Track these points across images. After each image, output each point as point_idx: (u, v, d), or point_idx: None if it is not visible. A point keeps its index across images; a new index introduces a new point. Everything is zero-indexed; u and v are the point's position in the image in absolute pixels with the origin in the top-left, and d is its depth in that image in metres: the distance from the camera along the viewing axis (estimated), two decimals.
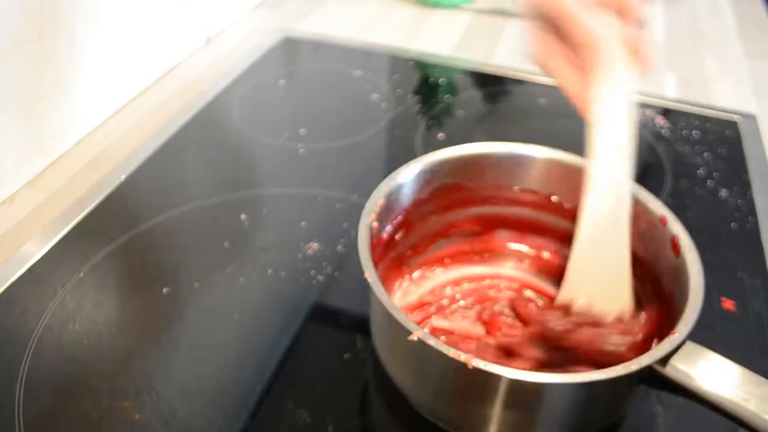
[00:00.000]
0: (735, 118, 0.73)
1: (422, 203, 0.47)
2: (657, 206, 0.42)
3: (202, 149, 0.67)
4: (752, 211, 0.60)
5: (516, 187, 0.48)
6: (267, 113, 0.73)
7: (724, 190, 0.62)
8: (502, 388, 0.34)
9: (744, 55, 0.87)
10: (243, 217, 0.57)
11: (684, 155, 0.67)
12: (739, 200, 0.61)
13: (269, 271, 0.52)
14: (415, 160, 0.46)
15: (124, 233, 0.55)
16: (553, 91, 0.77)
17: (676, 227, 0.40)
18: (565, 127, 0.72)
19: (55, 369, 0.44)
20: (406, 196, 0.46)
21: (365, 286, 0.50)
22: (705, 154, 0.67)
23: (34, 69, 0.59)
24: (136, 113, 0.71)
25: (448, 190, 0.48)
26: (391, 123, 0.71)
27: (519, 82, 0.79)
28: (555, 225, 0.49)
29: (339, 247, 0.54)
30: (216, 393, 0.43)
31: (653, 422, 0.42)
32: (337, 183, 0.61)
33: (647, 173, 0.65)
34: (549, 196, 0.48)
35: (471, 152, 0.47)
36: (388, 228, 0.45)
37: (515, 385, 0.34)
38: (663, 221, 0.41)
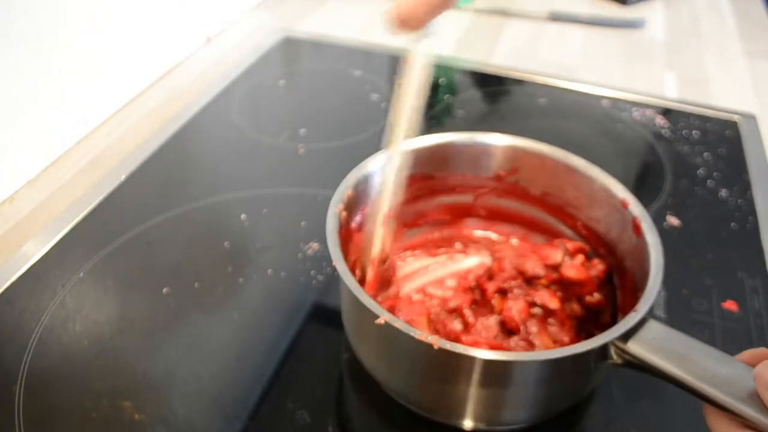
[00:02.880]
0: (735, 118, 0.73)
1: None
2: (618, 190, 0.43)
3: (202, 149, 0.67)
4: (752, 211, 0.60)
5: (483, 176, 0.49)
6: (267, 113, 0.73)
7: (724, 190, 0.62)
8: (468, 367, 0.35)
9: (744, 55, 0.87)
10: (243, 217, 0.57)
11: (684, 155, 0.67)
12: (739, 200, 0.61)
13: (269, 271, 0.52)
14: (381, 151, 0.46)
15: (124, 233, 0.55)
16: (553, 91, 0.77)
17: (637, 209, 0.41)
18: (565, 127, 0.73)
19: (55, 369, 0.44)
20: (375, 187, 0.46)
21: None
22: (705, 154, 0.67)
23: (34, 69, 0.59)
24: (136, 113, 0.71)
25: (416, 179, 0.48)
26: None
27: (519, 82, 0.79)
28: (521, 211, 0.50)
29: None
30: (216, 393, 0.43)
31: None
32: (338, 183, 0.61)
33: (647, 173, 0.65)
34: (514, 184, 0.49)
35: (436, 142, 0.48)
36: (358, 218, 0.46)
37: (479, 364, 0.34)
38: (624, 204, 0.42)
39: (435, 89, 0.78)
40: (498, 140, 0.48)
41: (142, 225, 0.56)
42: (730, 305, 0.50)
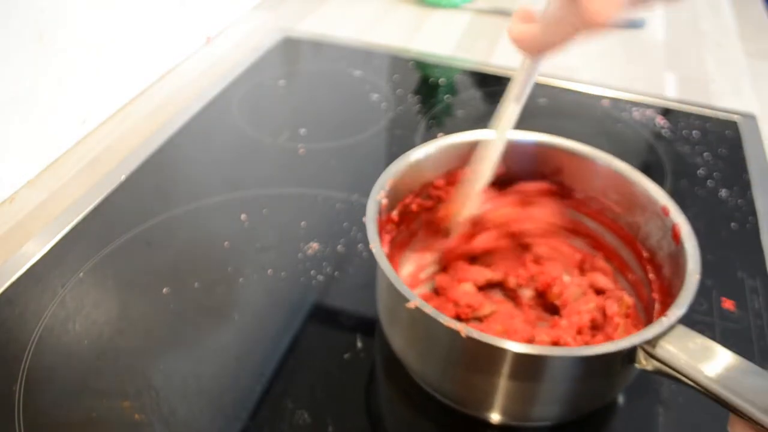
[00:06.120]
0: (735, 118, 0.73)
1: (433, 186, 0.48)
2: (660, 196, 0.43)
3: (202, 149, 0.67)
4: (752, 211, 0.60)
5: (524, 173, 0.49)
6: (267, 113, 0.73)
7: (724, 190, 0.62)
8: (494, 358, 0.35)
9: (744, 55, 0.87)
10: (243, 217, 0.57)
11: (684, 155, 0.67)
12: (739, 200, 0.61)
13: (269, 271, 0.52)
14: (425, 143, 0.47)
15: (124, 233, 0.55)
16: (553, 91, 0.77)
17: (677, 217, 0.41)
18: (565, 127, 0.73)
19: (55, 369, 0.44)
20: (417, 178, 0.47)
21: (365, 286, 0.50)
22: (705, 154, 0.67)
23: (34, 69, 0.59)
24: (136, 113, 0.71)
25: (458, 174, 0.48)
26: (391, 123, 0.71)
27: None
28: (563, 213, 0.49)
29: (339, 247, 0.54)
30: (216, 393, 0.43)
31: (647, 414, 0.43)
32: (337, 183, 0.61)
33: (647, 173, 0.65)
34: (555, 183, 0.49)
35: (479, 138, 0.48)
36: (398, 207, 0.46)
37: (506, 355, 0.34)
38: (665, 211, 0.42)
39: (435, 89, 0.78)
40: (543, 140, 0.48)
41: (142, 225, 0.56)
42: (729, 305, 0.50)
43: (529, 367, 0.35)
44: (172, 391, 0.43)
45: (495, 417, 0.39)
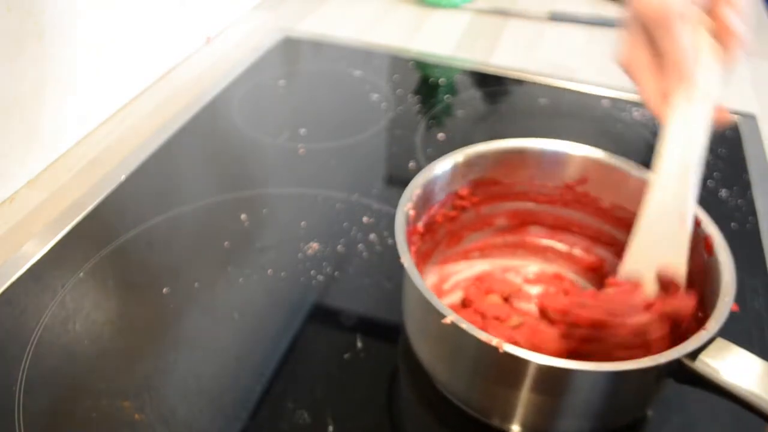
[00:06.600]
0: (735, 118, 0.73)
1: (458, 196, 0.48)
2: None
3: (202, 149, 0.67)
4: (752, 211, 0.60)
5: (551, 184, 0.49)
6: (267, 113, 0.73)
7: (724, 190, 0.62)
8: (531, 374, 0.35)
9: (744, 55, 0.87)
10: (243, 217, 0.57)
11: None
12: (739, 200, 0.61)
13: (269, 271, 0.52)
14: (452, 153, 0.46)
15: (124, 233, 0.55)
16: (553, 91, 0.77)
17: (710, 228, 0.41)
18: (565, 127, 0.73)
19: (55, 369, 0.44)
20: (443, 188, 0.47)
21: (365, 286, 0.50)
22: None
23: (34, 69, 0.59)
24: (136, 113, 0.71)
25: (484, 183, 0.48)
26: (391, 123, 0.71)
27: (519, 82, 0.79)
28: (589, 223, 0.49)
29: (339, 247, 0.54)
30: (216, 393, 0.43)
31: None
32: (337, 183, 0.61)
33: None
34: (582, 194, 0.48)
35: (508, 147, 0.48)
36: (424, 218, 0.46)
37: (544, 371, 0.34)
38: (696, 222, 0.42)
39: (435, 89, 0.78)
40: (569, 149, 0.47)
41: (142, 225, 0.56)
42: None
43: (565, 382, 0.35)
44: (172, 391, 0.43)
45: (516, 428, 0.39)
